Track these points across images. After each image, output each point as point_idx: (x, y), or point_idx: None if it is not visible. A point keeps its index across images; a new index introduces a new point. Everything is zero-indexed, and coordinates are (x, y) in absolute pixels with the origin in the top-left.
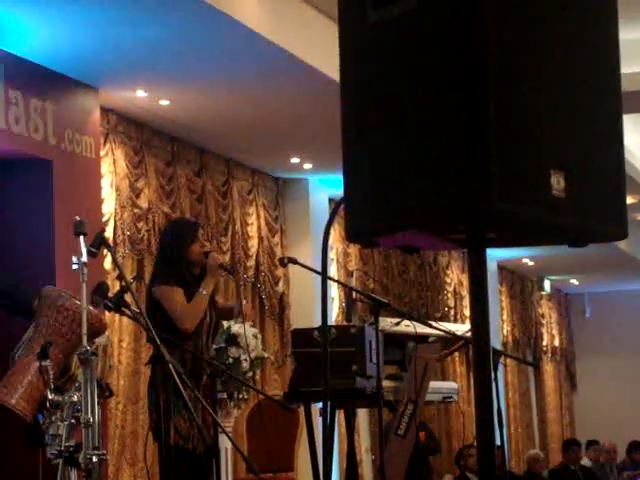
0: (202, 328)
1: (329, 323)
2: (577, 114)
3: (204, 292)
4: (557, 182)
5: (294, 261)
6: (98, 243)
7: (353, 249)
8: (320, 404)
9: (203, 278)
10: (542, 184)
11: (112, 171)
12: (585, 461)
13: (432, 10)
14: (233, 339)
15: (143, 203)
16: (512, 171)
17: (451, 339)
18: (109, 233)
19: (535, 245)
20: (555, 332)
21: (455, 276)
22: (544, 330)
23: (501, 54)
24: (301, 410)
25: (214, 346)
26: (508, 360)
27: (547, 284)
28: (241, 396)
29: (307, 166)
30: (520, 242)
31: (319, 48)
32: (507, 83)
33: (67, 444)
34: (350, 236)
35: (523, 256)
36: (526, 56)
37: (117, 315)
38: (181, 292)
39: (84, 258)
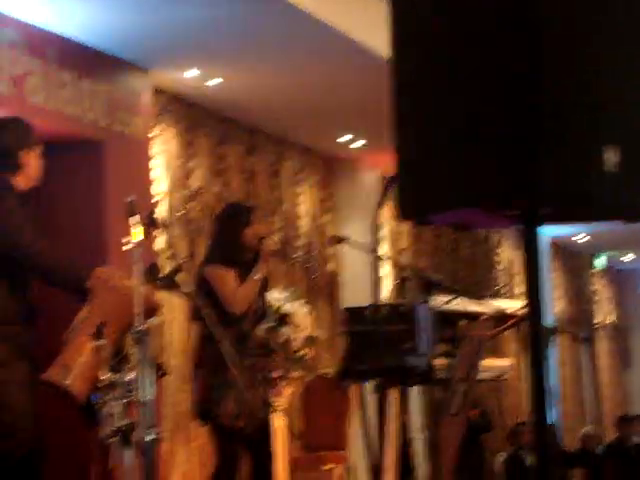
0: (249, 312)
1: (380, 301)
2: (632, 88)
3: (256, 277)
4: (612, 158)
5: (344, 240)
6: (149, 224)
7: (405, 227)
8: (372, 382)
9: (255, 263)
10: (596, 160)
11: (164, 151)
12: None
13: None
14: (285, 318)
15: (194, 183)
16: (567, 147)
17: (503, 317)
18: (161, 213)
19: (589, 221)
20: (608, 308)
21: (507, 253)
22: (597, 306)
23: (556, 30)
24: (353, 388)
25: (266, 325)
26: (561, 337)
27: (600, 261)
28: (293, 375)
29: (358, 144)
30: (574, 218)
31: (369, 26)
32: (561, 59)
33: (121, 423)
34: (401, 214)
35: (576, 232)
36: (580, 31)
37: (170, 295)
38: (233, 275)
39: (136, 239)
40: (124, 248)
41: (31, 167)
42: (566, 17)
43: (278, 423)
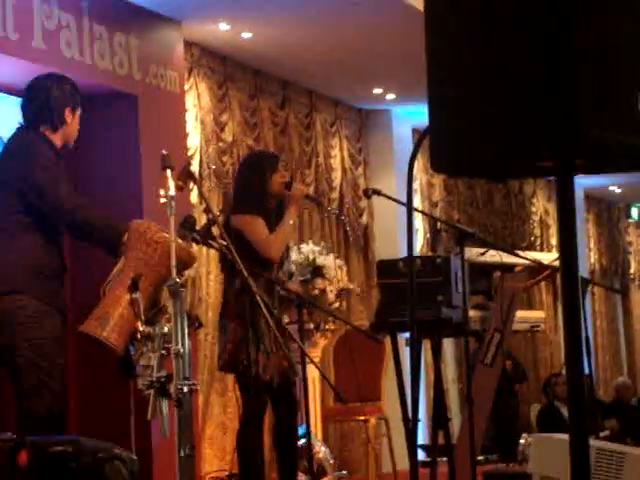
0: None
1: (414, 254)
2: None
3: (291, 221)
4: None
5: (378, 192)
6: (185, 176)
7: (437, 180)
8: (406, 334)
9: (280, 210)
10: (631, 108)
11: (196, 105)
12: None
13: None
14: (318, 270)
15: (227, 136)
16: (600, 96)
17: (537, 268)
18: (194, 167)
19: (623, 172)
20: None
21: (541, 205)
22: (632, 258)
23: None
24: (387, 340)
25: (300, 277)
26: (595, 288)
27: (635, 211)
28: (327, 327)
29: (390, 97)
30: (608, 169)
31: None
32: (595, 6)
33: (158, 375)
34: (435, 166)
35: (610, 183)
36: None
37: (205, 248)
38: (262, 222)
39: (171, 191)
40: (160, 201)
41: (71, 127)
42: None
43: (313, 374)
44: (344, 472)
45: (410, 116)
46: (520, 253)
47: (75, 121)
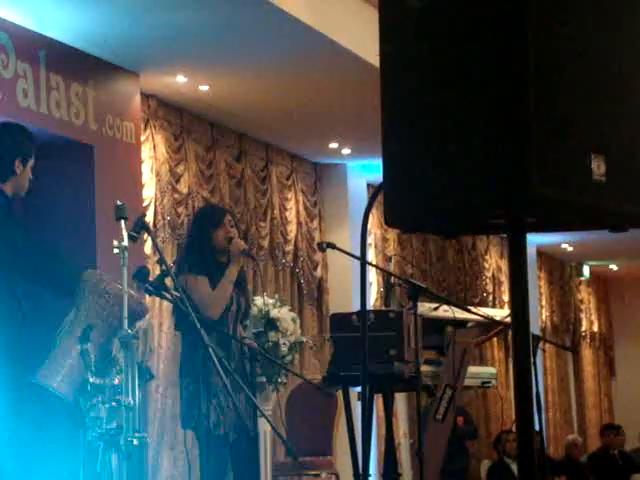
0: (228, 315)
1: (368, 308)
2: (618, 99)
3: (227, 279)
4: (598, 167)
5: (333, 246)
6: (139, 227)
7: (391, 234)
8: (359, 388)
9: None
10: (583, 168)
11: (152, 156)
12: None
13: None
14: (272, 323)
15: (183, 188)
16: (553, 156)
17: (489, 324)
18: (149, 218)
19: (575, 230)
20: (594, 317)
21: (494, 261)
22: (583, 315)
23: (542, 40)
24: (339, 394)
25: (253, 330)
26: (547, 345)
27: (586, 269)
28: (280, 380)
29: (346, 151)
30: (560, 227)
31: (358, 33)
32: (548, 68)
33: (108, 427)
34: (389, 221)
35: (562, 241)
36: (567, 41)
37: (157, 299)
38: (205, 280)
39: (125, 242)
40: (113, 251)
41: (21, 177)
42: (555, 24)
43: (265, 428)
44: None
45: (365, 171)
46: (472, 309)
47: (26, 172)
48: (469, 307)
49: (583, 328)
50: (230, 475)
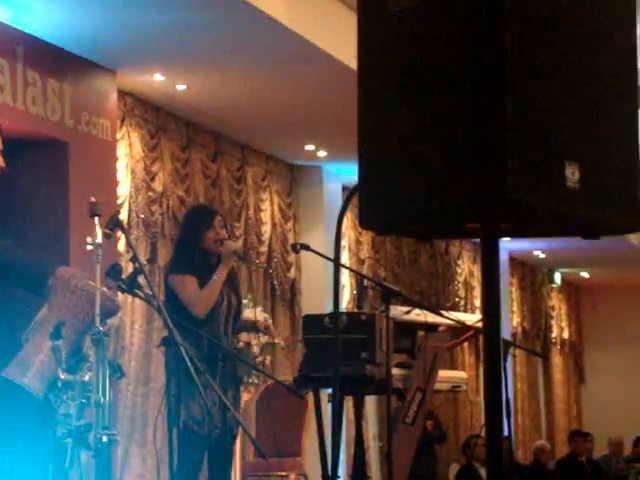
0: (218, 314)
1: (340, 310)
2: (593, 108)
3: (215, 278)
4: (572, 174)
5: (307, 247)
6: (113, 225)
7: (365, 237)
8: (329, 390)
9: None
10: (557, 175)
11: (128, 154)
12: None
13: (451, 1)
14: (244, 324)
15: (158, 187)
16: (527, 162)
17: (461, 329)
18: (123, 216)
19: (548, 236)
20: (564, 324)
21: (466, 266)
22: (554, 322)
23: (519, 49)
24: (310, 396)
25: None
26: (517, 351)
27: (558, 276)
28: (251, 380)
29: (321, 153)
30: (533, 233)
31: (336, 36)
32: (525, 77)
33: (77, 424)
34: (363, 223)
35: (534, 248)
36: (544, 51)
37: (130, 297)
38: (194, 280)
39: (98, 239)
40: (87, 248)
41: None
42: (533, 31)
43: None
44: None
45: (341, 173)
46: (444, 313)
47: None
48: (441, 311)
49: (554, 335)
50: (201, 476)
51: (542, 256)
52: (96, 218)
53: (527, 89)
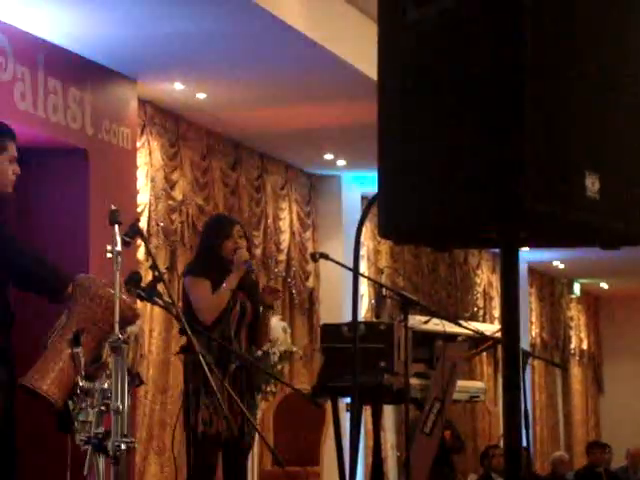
0: (229, 318)
1: (358, 319)
2: (612, 117)
3: (225, 286)
4: (592, 184)
5: (326, 256)
6: (132, 233)
7: (384, 246)
8: (347, 399)
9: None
10: (577, 185)
11: (148, 162)
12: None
13: (469, 10)
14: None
15: (177, 195)
16: (547, 172)
17: (479, 339)
18: (143, 224)
19: (567, 247)
20: (583, 335)
21: (485, 276)
22: (573, 333)
23: (539, 56)
24: (328, 405)
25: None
26: (536, 361)
27: (577, 287)
28: (269, 389)
29: (340, 163)
30: (552, 243)
31: (356, 46)
32: (543, 86)
33: (96, 431)
34: (382, 233)
35: (554, 258)
36: (564, 60)
37: (149, 305)
38: (207, 284)
39: (118, 247)
40: (106, 256)
41: (1, 170)
42: (554, 42)
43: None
44: None
45: (360, 182)
46: (463, 323)
47: (3, 166)
48: (460, 321)
49: (572, 345)
50: None
51: (561, 267)
52: (116, 226)
53: (548, 98)
